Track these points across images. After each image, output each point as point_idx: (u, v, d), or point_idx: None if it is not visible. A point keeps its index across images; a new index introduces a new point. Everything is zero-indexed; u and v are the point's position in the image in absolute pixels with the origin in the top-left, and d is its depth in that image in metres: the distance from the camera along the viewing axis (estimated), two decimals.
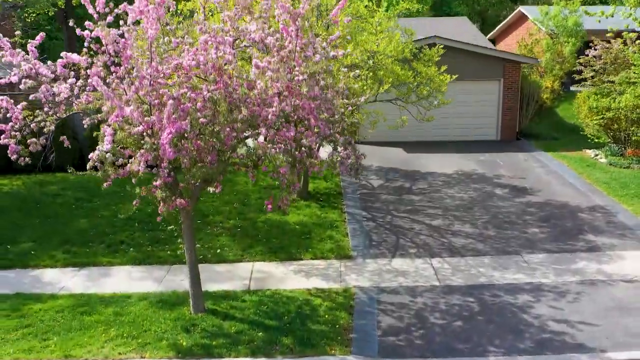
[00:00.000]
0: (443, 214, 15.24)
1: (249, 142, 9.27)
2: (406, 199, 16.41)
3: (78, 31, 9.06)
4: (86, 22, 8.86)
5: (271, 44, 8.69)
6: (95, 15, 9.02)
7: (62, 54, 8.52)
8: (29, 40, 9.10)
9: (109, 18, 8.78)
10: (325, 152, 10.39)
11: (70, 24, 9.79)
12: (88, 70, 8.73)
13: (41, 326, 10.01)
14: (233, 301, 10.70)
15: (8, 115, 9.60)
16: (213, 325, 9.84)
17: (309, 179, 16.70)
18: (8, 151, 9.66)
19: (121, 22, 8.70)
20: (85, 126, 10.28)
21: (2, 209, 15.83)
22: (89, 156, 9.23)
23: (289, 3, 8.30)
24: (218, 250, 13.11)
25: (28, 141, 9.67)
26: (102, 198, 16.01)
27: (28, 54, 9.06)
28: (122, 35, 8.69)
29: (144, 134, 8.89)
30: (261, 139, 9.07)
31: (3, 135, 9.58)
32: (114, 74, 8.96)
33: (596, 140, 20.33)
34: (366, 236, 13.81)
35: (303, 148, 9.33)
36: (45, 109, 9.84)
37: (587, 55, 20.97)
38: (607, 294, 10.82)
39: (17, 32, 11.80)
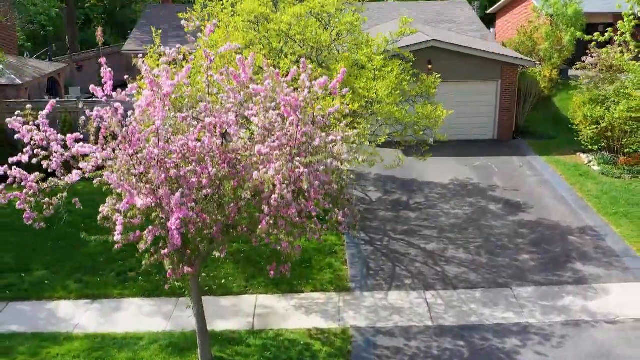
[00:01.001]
0: (438, 235, 15.84)
1: None
2: (403, 217, 16.99)
3: (87, 112, 9.49)
4: (95, 108, 9.29)
5: (273, 118, 9.13)
6: (104, 99, 9.46)
7: (76, 148, 8.91)
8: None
9: (119, 106, 9.20)
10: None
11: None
12: (99, 155, 9.16)
13: None
14: (238, 346, 11.40)
15: (22, 183, 10.05)
16: None
17: None
18: (24, 216, 10.17)
19: (129, 113, 9.13)
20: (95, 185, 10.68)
21: (15, 228, 16.43)
22: (100, 209, 9.74)
23: (290, 95, 8.70)
24: (223, 281, 13.77)
25: (41, 202, 10.18)
26: None
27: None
28: (128, 119, 9.14)
29: (153, 204, 9.43)
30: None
31: (18, 203, 10.05)
32: (122, 150, 9.40)
33: (590, 147, 20.76)
34: (364, 264, 14.45)
35: (303, 213, 9.85)
36: (58, 175, 10.28)
37: (584, 62, 21.22)
38: (590, 337, 11.50)
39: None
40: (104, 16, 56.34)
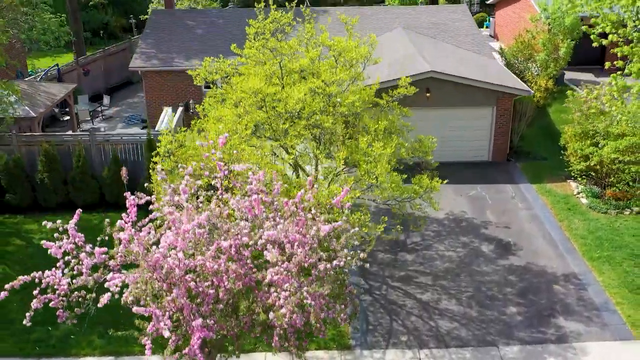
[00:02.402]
0: (432, 283, 17.02)
1: None
2: (400, 260, 18.15)
3: (115, 235, 10.51)
4: (121, 234, 10.36)
5: (284, 243, 10.22)
6: (128, 224, 10.52)
7: (109, 283, 9.99)
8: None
9: (143, 233, 10.25)
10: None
11: None
12: (127, 279, 10.25)
13: None
14: None
15: (55, 287, 11.16)
16: None
17: None
18: (57, 314, 11.34)
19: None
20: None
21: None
22: (123, 297, 10.87)
23: (299, 232, 9.75)
24: None
25: (72, 300, 11.32)
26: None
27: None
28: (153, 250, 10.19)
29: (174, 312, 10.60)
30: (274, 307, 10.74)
31: (52, 303, 11.21)
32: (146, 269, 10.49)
33: (579, 179, 21.79)
34: (363, 318, 15.66)
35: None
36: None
37: (576, 94, 21.96)
38: None
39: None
40: None
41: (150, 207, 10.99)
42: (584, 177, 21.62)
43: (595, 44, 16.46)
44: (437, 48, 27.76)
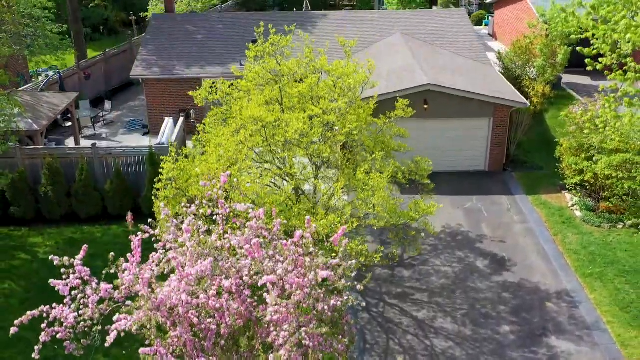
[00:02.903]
0: (428, 300, 17.45)
1: None
2: (397, 276, 18.57)
3: (120, 275, 10.89)
4: (126, 273, 10.75)
5: (280, 272, 10.61)
6: (133, 262, 10.89)
7: (116, 325, 10.39)
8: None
9: (147, 275, 10.63)
10: None
11: None
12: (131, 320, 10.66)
13: None
14: None
15: (62, 320, 11.58)
16: None
17: None
18: (64, 345, 11.77)
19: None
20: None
21: (43, 288, 17.98)
22: (127, 326, 11.27)
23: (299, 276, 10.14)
24: None
25: (77, 329, 11.74)
26: None
27: None
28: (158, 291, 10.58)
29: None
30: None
31: (59, 335, 11.63)
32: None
33: (575, 192, 22.18)
34: (361, 336, 16.11)
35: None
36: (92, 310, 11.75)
37: (570, 115, 22.35)
38: None
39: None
40: None
41: (154, 244, 11.35)
42: (578, 189, 21.99)
43: (589, 67, 16.71)
44: (435, 57, 28.00)
